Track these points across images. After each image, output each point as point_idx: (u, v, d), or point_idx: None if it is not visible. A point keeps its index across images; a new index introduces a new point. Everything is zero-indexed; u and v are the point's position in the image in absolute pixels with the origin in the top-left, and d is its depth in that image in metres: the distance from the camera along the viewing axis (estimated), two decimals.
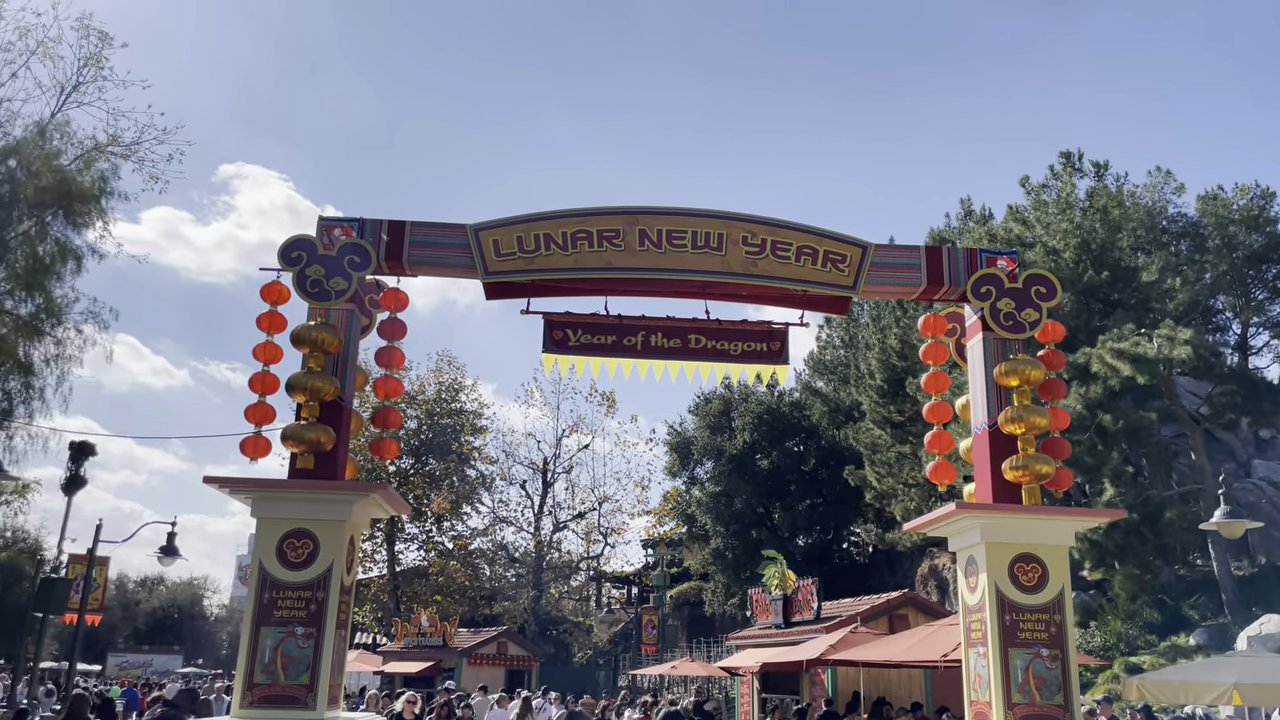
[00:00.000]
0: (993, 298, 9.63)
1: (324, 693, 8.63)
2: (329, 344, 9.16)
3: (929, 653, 11.50)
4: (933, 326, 10.15)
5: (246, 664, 8.63)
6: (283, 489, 8.95)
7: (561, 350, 9.93)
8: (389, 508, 9.64)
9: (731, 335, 10.05)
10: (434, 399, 41.21)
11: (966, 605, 9.55)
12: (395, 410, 9.89)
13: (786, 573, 19.99)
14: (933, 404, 10.02)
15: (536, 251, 9.76)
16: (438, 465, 40.26)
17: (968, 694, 9.48)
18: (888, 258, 9.94)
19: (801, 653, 14.91)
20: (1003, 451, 9.41)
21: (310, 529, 8.92)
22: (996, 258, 10.08)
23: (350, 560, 9.35)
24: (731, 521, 44.96)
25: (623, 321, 10.04)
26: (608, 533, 40.78)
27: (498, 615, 39.30)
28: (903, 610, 17.31)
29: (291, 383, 9.08)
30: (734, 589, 45.33)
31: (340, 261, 9.38)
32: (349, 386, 9.54)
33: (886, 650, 12.68)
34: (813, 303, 10.25)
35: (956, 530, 9.55)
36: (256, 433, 9.35)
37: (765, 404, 46.39)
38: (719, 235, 9.80)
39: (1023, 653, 8.92)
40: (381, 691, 22.58)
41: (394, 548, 39.57)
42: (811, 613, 18.37)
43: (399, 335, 9.99)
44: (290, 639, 8.68)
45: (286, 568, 8.84)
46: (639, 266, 9.75)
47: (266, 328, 9.59)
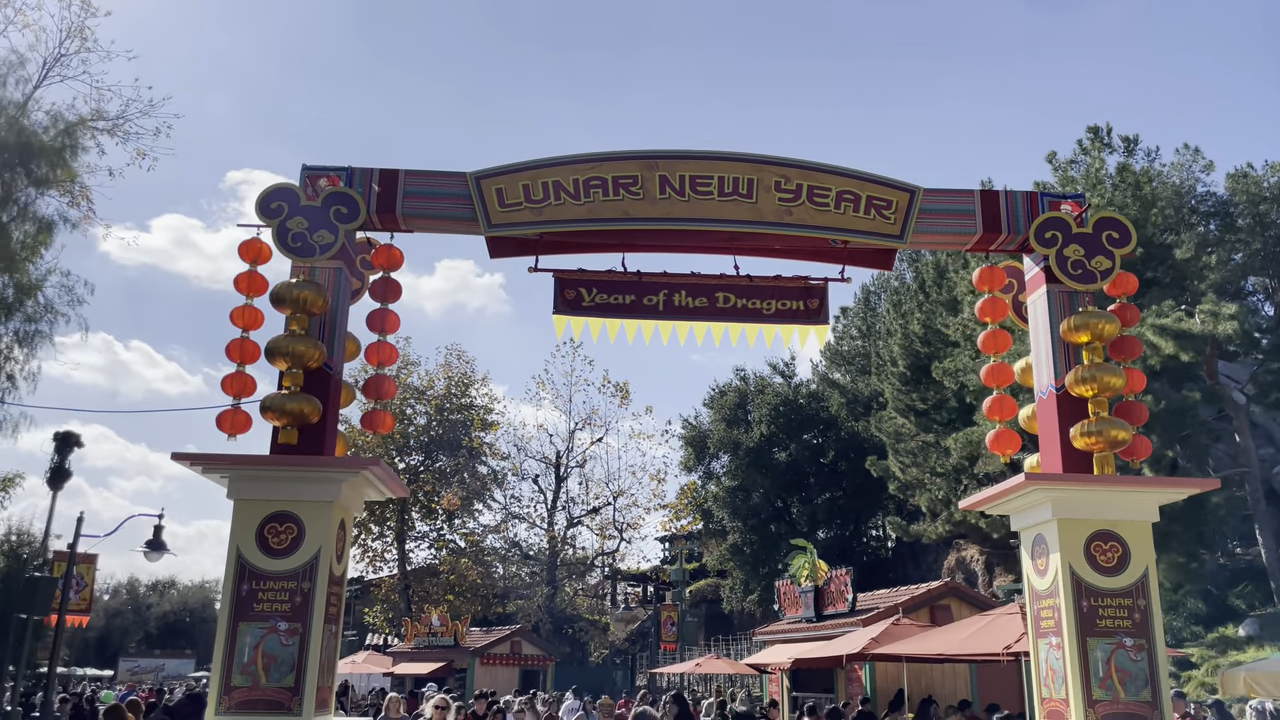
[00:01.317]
0: (1059, 244, 8.57)
1: (311, 696, 7.62)
2: (313, 304, 8.16)
3: (987, 645, 10.43)
4: (989, 280, 9.07)
5: (223, 665, 7.63)
6: (262, 466, 7.95)
7: (574, 311, 8.90)
8: (384, 488, 8.63)
9: (764, 293, 9.01)
10: (443, 394, 40.27)
11: (1035, 590, 8.48)
12: (389, 379, 8.88)
13: (818, 563, 18.89)
14: (991, 366, 8.95)
15: (545, 201, 8.75)
16: (448, 461, 39.32)
17: (1038, 690, 8.41)
18: (939, 203, 8.88)
19: (838, 647, 13.86)
20: (1072, 417, 8.35)
21: (294, 511, 7.92)
22: (1060, 201, 9.01)
23: (341, 547, 8.35)
24: (749, 516, 43.87)
25: (642, 279, 9.00)
26: (623, 528, 39.72)
27: (511, 614, 38.32)
28: (945, 601, 16.21)
29: (271, 347, 8.08)
30: (753, 585, 44.25)
31: (325, 213, 8.38)
32: (337, 353, 8.53)
33: (936, 643, 11.62)
34: (855, 256, 9.20)
35: (1022, 506, 8.48)
36: (234, 405, 8.36)
37: (782, 395, 45.29)
38: (749, 181, 8.77)
39: (1103, 643, 7.86)
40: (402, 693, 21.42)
41: (404, 546, 38.63)
42: (846, 605, 17.26)
43: (393, 297, 8.97)
44: (272, 636, 7.68)
45: (267, 555, 7.84)
46: (660, 216, 8.72)
47: (245, 289, 8.61)
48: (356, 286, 9.31)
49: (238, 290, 8.64)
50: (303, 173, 8.79)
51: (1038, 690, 8.42)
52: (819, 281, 9.07)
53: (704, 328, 8.98)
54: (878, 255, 9.34)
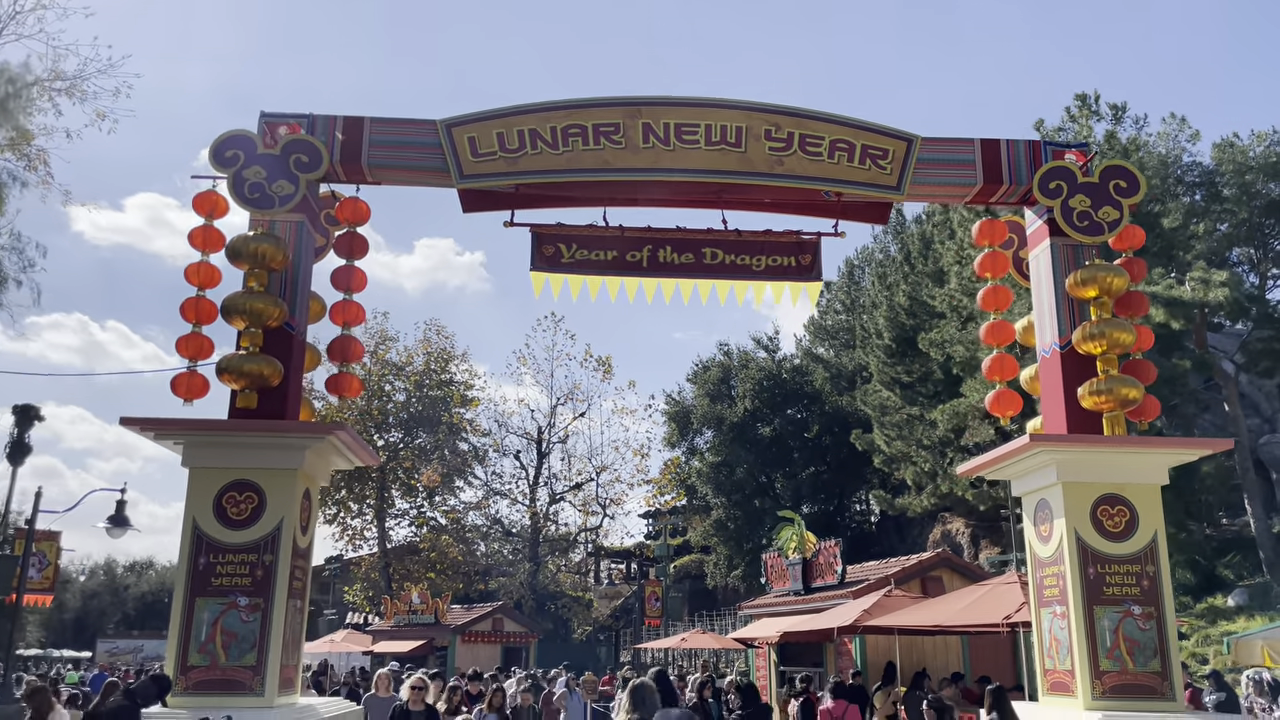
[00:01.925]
0: (1064, 194, 8.13)
1: (274, 675, 7.16)
2: (273, 259, 7.63)
3: (985, 616, 10.07)
4: (990, 233, 8.62)
5: (179, 643, 7.16)
6: (218, 432, 7.45)
7: (553, 268, 8.41)
8: (352, 455, 8.14)
9: (754, 248, 8.54)
10: (422, 370, 39.65)
11: (1038, 558, 8.10)
12: (356, 340, 8.37)
13: (805, 534, 18.50)
14: (992, 324, 8.53)
15: (521, 151, 8.23)
16: (428, 438, 38.76)
17: (1040, 661, 8.04)
18: (937, 152, 8.42)
19: (828, 620, 13.49)
20: (1078, 375, 7.94)
21: (254, 480, 7.43)
22: (1065, 150, 8.58)
23: (306, 517, 7.86)
24: (733, 491, 43.55)
25: (625, 234, 8.52)
26: (606, 504, 39.30)
27: (493, 591, 37.92)
28: (936, 572, 15.88)
29: (228, 305, 7.56)
30: (736, 561, 44.02)
31: (285, 161, 7.83)
32: (300, 312, 8.01)
33: (931, 615, 11.26)
34: (848, 210, 8.74)
35: (1025, 469, 8.08)
36: (189, 368, 7.83)
37: (766, 370, 44.89)
38: (738, 129, 8.28)
39: (1110, 611, 7.49)
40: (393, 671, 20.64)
41: (384, 524, 38.10)
42: (835, 577, 16.89)
43: (359, 252, 8.45)
44: (232, 612, 7.21)
45: (226, 527, 7.35)
46: (643, 166, 8.23)
47: (200, 245, 8.07)
48: (321, 244, 8.79)
49: (192, 246, 8.10)
50: (261, 120, 8.24)
51: (1040, 661, 8.05)
52: (811, 236, 8.61)
53: (690, 285, 8.50)
54: (873, 208, 8.89)
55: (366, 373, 38.83)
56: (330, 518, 38.27)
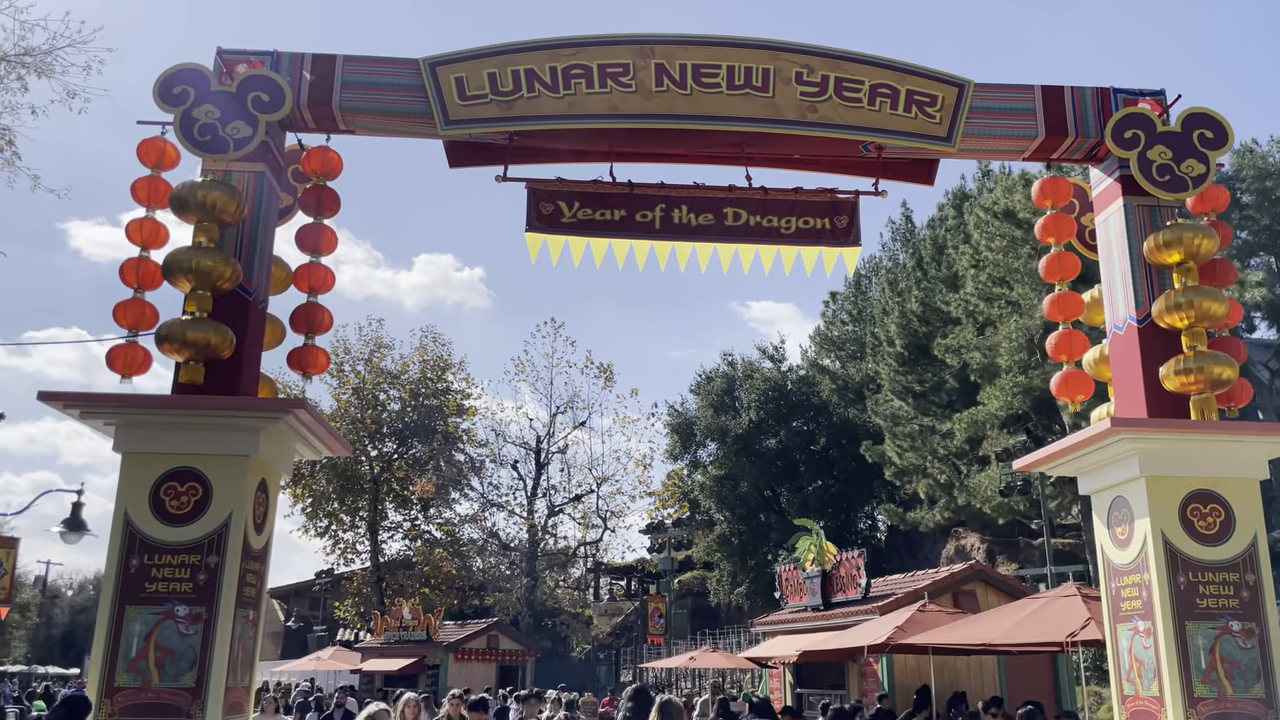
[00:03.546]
0: (1141, 145, 7.06)
1: (217, 699, 6.02)
2: (224, 210, 6.54)
3: (1042, 632, 8.90)
4: (1053, 192, 7.54)
5: (104, 660, 6.03)
6: (156, 410, 6.35)
7: (551, 228, 7.32)
8: (316, 441, 7.02)
9: (782, 208, 7.46)
10: (418, 379, 38.52)
11: (1113, 565, 6.98)
12: (324, 309, 7.27)
13: (825, 545, 17.33)
14: (1057, 296, 7.42)
15: (516, 94, 7.16)
16: (423, 449, 37.59)
17: (1118, 687, 6.90)
18: (993, 100, 7.36)
19: (855, 637, 12.34)
20: (1159, 353, 6.85)
21: (198, 467, 6.32)
22: (1137, 99, 7.49)
23: (262, 513, 6.74)
24: (737, 505, 42.32)
25: (634, 191, 7.44)
26: (607, 516, 38.07)
27: (489, 607, 36.66)
28: (969, 585, 14.71)
29: (171, 262, 6.47)
30: (740, 577, 42.76)
31: (242, 100, 6.76)
32: (258, 276, 6.92)
33: (976, 632, 10.10)
34: (889, 168, 7.68)
35: (1098, 462, 6.96)
36: (129, 338, 6.74)
37: (771, 380, 43.74)
38: (764, 71, 7.23)
39: (1205, 627, 6.36)
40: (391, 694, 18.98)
41: (377, 537, 36.88)
42: (858, 591, 15.69)
43: (329, 209, 7.37)
44: (169, 623, 6.09)
45: (164, 522, 6.24)
46: (656, 113, 7.17)
47: (145, 198, 7.02)
48: (286, 204, 7.71)
49: (135, 199, 7.04)
50: (217, 57, 7.16)
51: (1118, 686, 6.91)
52: (848, 195, 7.53)
53: (709, 249, 7.42)
54: (917, 166, 7.84)
55: (361, 381, 37.73)
56: (322, 530, 37.08)
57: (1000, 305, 25.95)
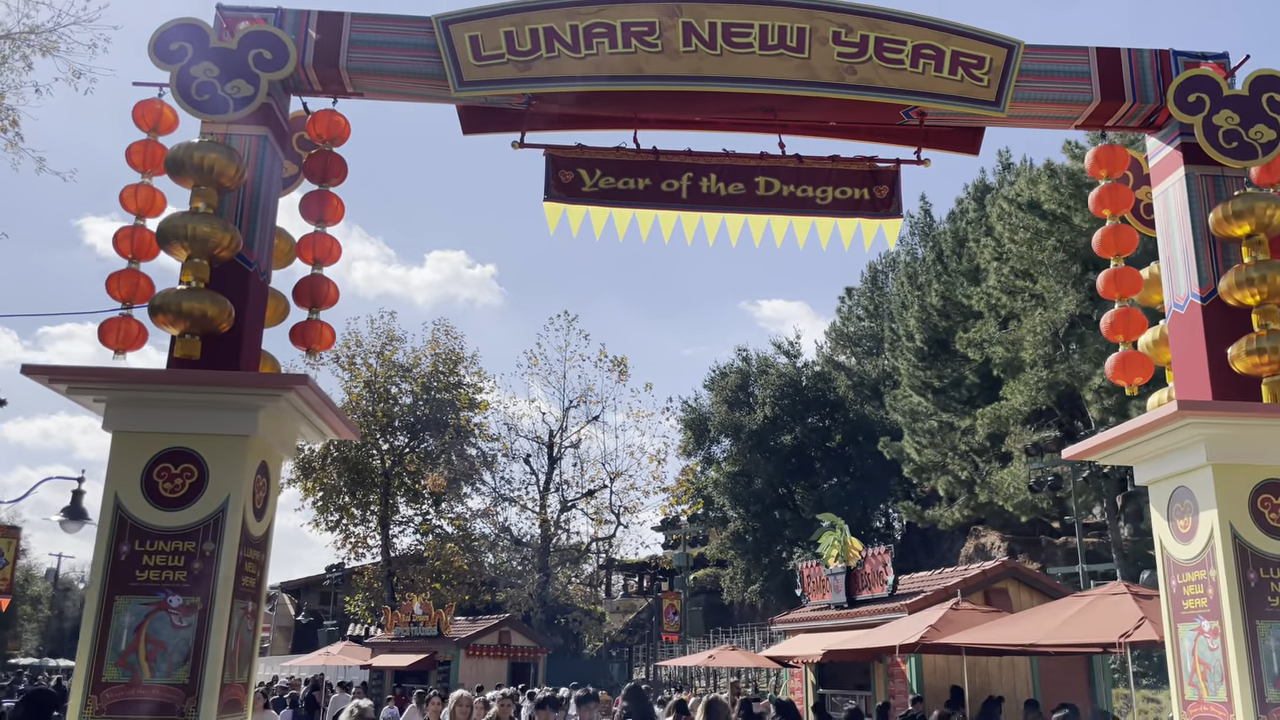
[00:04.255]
0: (1206, 110, 6.56)
1: (212, 696, 5.60)
2: (223, 173, 6.11)
3: (1094, 633, 8.42)
4: (1109, 160, 7.03)
5: (91, 654, 5.61)
6: (149, 385, 5.92)
7: (572, 197, 6.88)
8: (321, 421, 6.59)
9: (818, 177, 6.99)
10: (430, 372, 38.17)
11: (1174, 561, 6.49)
12: (329, 281, 6.85)
13: (850, 541, 16.83)
14: (1113, 271, 6.92)
15: (534, 54, 6.72)
16: (435, 443, 37.24)
17: (1179, 691, 6.41)
18: (1045, 63, 6.88)
19: (882, 637, 11.89)
20: (1226, 332, 6.36)
21: (193, 448, 5.90)
22: (1199, 61, 7.00)
23: (262, 498, 6.32)
24: (751, 502, 41.91)
25: (660, 159, 6.98)
26: (620, 512, 37.62)
27: (500, 603, 36.28)
28: (1001, 584, 14.19)
29: (165, 229, 6.05)
30: (754, 575, 42.35)
31: (242, 58, 6.33)
32: (260, 246, 6.50)
33: (1017, 631, 9.63)
34: (931, 136, 7.20)
35: (1161, 449, 6.46)
36: (123, 311, 6.34)
37: (787, 376, 43.26)
38: (800, 31, 6.77)
39: (1278, 627, 5.88)
40: (428, 690, 18.32)
41: (388, 531, 36.54)
42: (885, 588, 15.21)
43: (336, 176, 6.95)
44: (161, 614, 5.66)
45: (157, 506, 5.82)
46: (683, 74, 6.71)
47: (140, 164, 6.61)
48: (291, 173, 7.28)
49: (130, 165, 6.64)
50: (217, 14, 6.73)
51: (1179, 691, 6.42)
52: (889, 164, 7.06)
53: (739, 220, 6.96)
54: (961, 135, 7.36)
55: (372, 374, 37.41)
56: (332, 524, 36.81)
57: (1024, 298, 25.39)
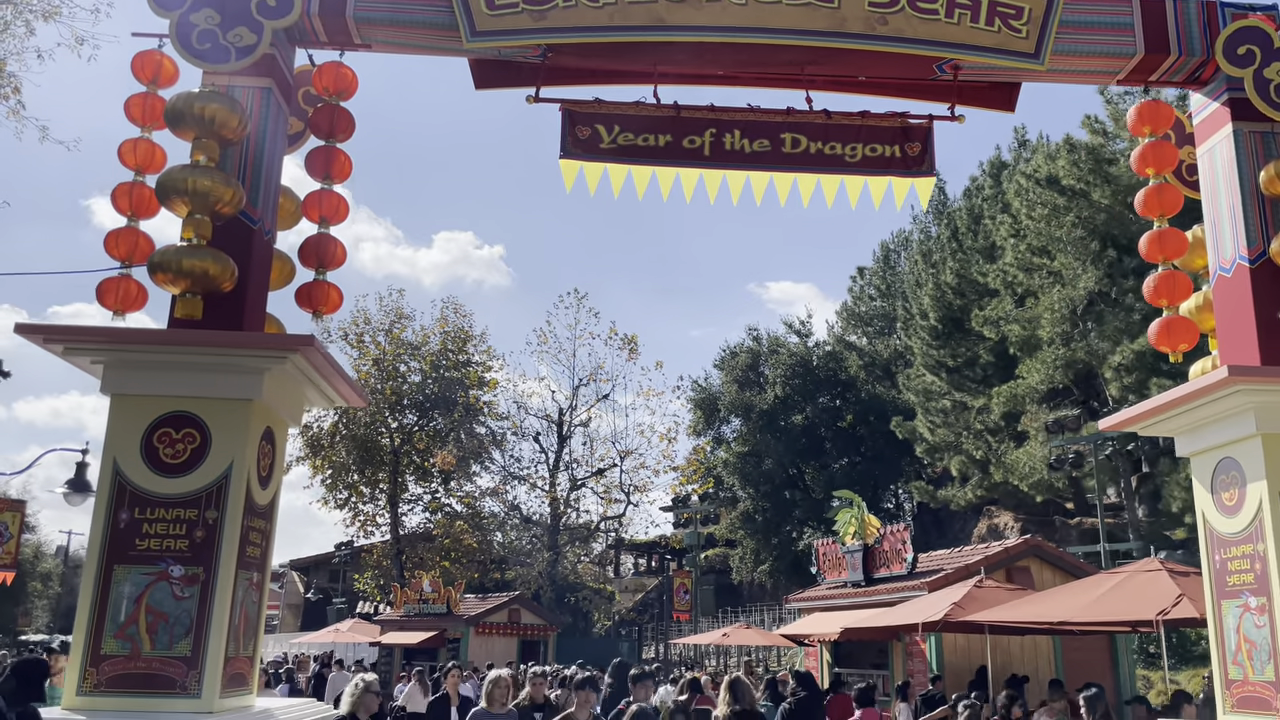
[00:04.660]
0: (1258, 63, 6.25)
1: (215, 669, 5.38)
2: (225, 125, 5.84)
3: (1129, 610, 8.15)
4: (1152, 116, 6.71)
5: (90, 625, 5.40)
6: (149, 346, 5.68)
7: (589, 154, 6.58)
8: (328, 386, 6.34)
9: (847, 134, 6.68)
10: (439, 350, 37.95)
11: (1218, 535, 6.21)
12: (337, 241, 6.58)
13: (868, 518, 16.59)
14: (1157, 232, 6.61)
15: (550, 2, 6.41)
16: (444, 421, 37.07)
17: (1222, 670, 6.15)
18: (1086, 13, 6.55)
19: (903, 615, 11.65)
20: (1276, 296, 6.08)
21: (195, 412, 5.66)
22: (1247, 12, 6.65)
23: (268, 466, 6.08)
24: (761, 482, 41.71)
25: (681, 114, 6.68)
26: (630, 491, 37.44)
27: (509, 581, 36.19)
28: (1024, 562, 13.92)
29: (165, 183, 5.79)
30: (764, 555, 42.20)
31: (245, 4, 6.05)
32: (264, 203, 6.23)
33: (1048, 609, 9.36)
34: (965, 92, 6.88)
35: (1206, 418, 6.18)
36: (122, 270, 6.08)
37: (798, 355, 42.94)
38: None
39: None
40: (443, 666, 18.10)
41: (397, 509, 36.45)
42: (904, 566, 14.95)
43: (343, 132, 6.66)
44: (162, 585, 5.45)
45: (158, 472, 5.59)
46: (707, 25, 6.40)
47: (138, 117, 6.34)
48: (297, 130, 7.00)
49: (129, 119, 6.37)
50: None
51: (1222, 670, 6.16)
52: (921, 120, 6.75)
53: (764, 179, 6.66)
54: (996, 90, 7.03)
55: (381, 352, 37.21)
56: (341, 502, 36.73)
57: (1041, 275, 24.99)
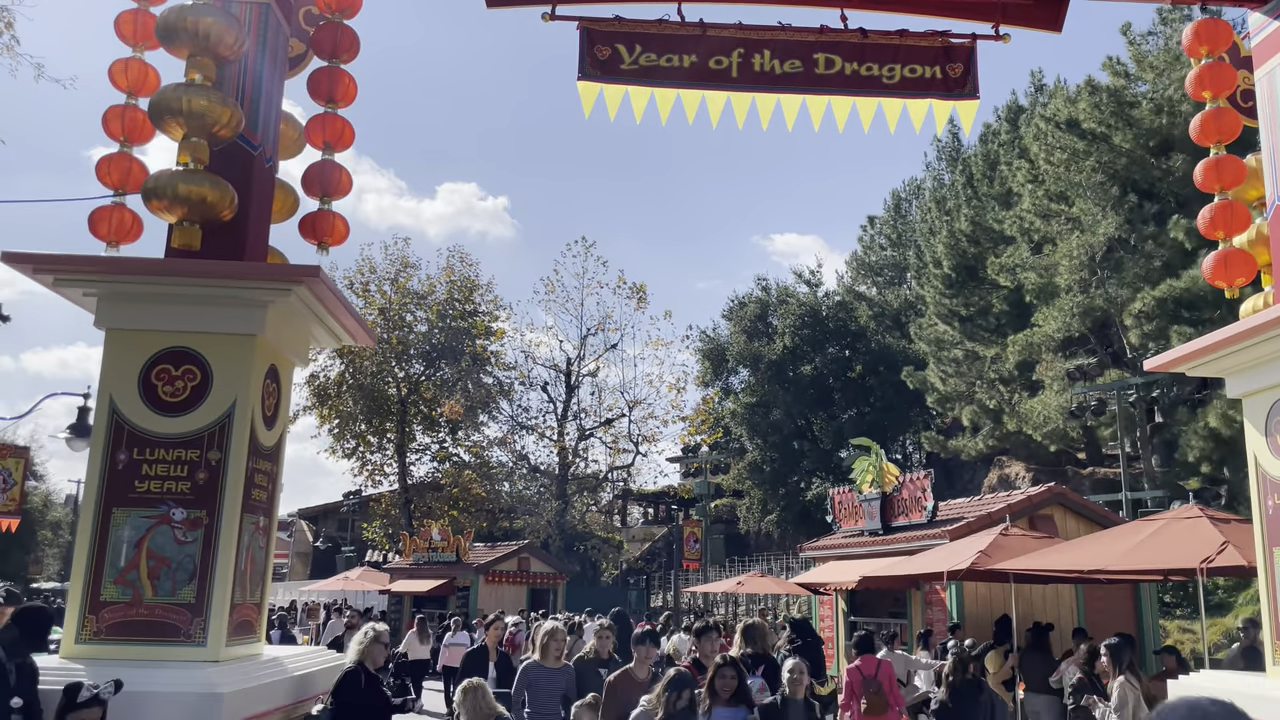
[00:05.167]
0: None
1: (221, 616, 5.13)
2: (220, 41, 5.45)
3: (1169, 558, 7.89)
4: (1210, 36, 6.27)
5: (88, 570, 5.14)
6: (144, 277, 5.35)
7: (609, 76, 6.17)
8: (337, 324, 6.02)
9: (884, 54, 6.25)
10: (445, 300, 37.61)
11: (1271, 480, 5.90)
12: (341, 168, 6.20)
13: (886, 466, 16.35)
14: (1214, 160, 6.21)
15: None
16: (451, 371, 36.83)
17: (1273, 619, 5.88)
18: None
19: (924, 563, 11.43)
20: None
21: (195, 348, 5.35)
22: None
23: (273, 405, 5.77)
24: (769, 433, 41.47)
25: (707, 32, 6.25)
26: (639, 441, 37.29)
27: (518, 530, 36.20)
28: (1047, 510, 13.68)
29: (158, 103, 5.41)
30: (771, 505, 42.11)
31: None
32: (264, 128, 5.86)
33: (1077, 557, 9.11)
34: (1009, 11, 6.44)
35: (1260, 357, 5.83)
36: (115, 198, 5.73)
37: (807, 305, 42.49)
38: None
39: None
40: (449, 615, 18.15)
41: (405, 459, 36.37)
42: (923, 514, 14.75)
43: (347, 52, 6.25)
44: (163, 528, 5.18)
45: (157, 411, 5.29)
46: None
47: (130, 35, 5.95)
48: (298, 52, 6.58)
49: (120, 37, 5.97)
50: None
51: (1272, 619, 5.89)
52: (964, 39, 6.32)
53: (796, 102, 6.24)
54: (1043, 8, 6.58)
55: (387, 301, 36.88)
56: (349, 452, 36.66)
57: (1060, 222, 24.47)
